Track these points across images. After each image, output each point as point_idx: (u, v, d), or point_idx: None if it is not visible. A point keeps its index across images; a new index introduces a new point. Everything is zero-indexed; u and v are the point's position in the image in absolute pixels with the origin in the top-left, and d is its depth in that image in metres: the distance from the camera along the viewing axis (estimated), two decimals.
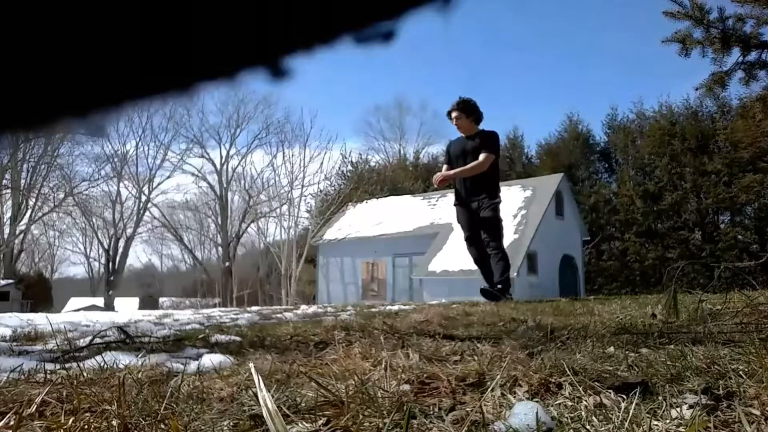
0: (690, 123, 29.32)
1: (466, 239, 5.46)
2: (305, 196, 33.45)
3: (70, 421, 0.80)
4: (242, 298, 33.24)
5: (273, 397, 0.81)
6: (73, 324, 3.37)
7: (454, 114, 5.43)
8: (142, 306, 30.83)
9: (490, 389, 0.94)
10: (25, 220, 32.22)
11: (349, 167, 36.73)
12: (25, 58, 0.24)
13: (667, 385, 0.97)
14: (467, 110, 5.42)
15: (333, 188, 34.06)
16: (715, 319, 2.15)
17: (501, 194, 5.35)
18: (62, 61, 0.24)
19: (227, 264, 35.88)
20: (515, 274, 16.78)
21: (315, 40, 0.26)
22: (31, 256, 41.91)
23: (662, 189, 28.84)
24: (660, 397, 0.90)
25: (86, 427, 0.80)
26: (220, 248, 37.74)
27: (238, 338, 2.11)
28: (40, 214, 33.01)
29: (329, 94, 66.39)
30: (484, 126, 5.52)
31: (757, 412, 0.81)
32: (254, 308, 6.82)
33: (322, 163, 47.03)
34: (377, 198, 27.33)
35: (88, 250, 39.71)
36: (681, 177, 28.57)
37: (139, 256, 65.91)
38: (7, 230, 31.58)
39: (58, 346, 2.06)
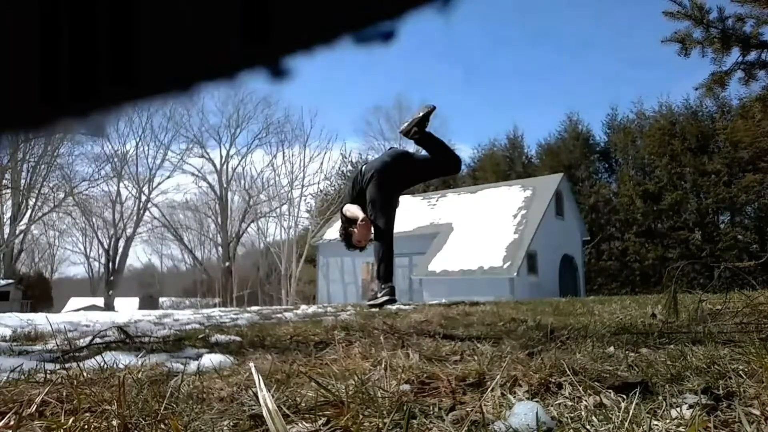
0: (690, 123, 29.33)
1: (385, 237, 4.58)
2: (305, 196, 33.54)
3: (70, 421, 0.80)
4: (242, 298, 33.25)
5: (273, 397, 0.81)
6: (73, 324, 3.37)
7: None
8: (142, 306, 30.82)
9: (490, 389, 0.94)
10: (25, 220, 32.24)
11: (349, 167, 36.74)
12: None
13: (667, 385, 0.97)
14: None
15: (333, 188, 34.11)
16: (715, 319, 2.15)
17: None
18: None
19: (227, 264, 35.89)
20: (515, 274, 16.79)
21: (315, 40, 0.26)
22: (31, 256, 41.94)
23: (662, 189, 28.85)
24: (660, 397, 0.90)
25: (86, 427, 0.80)
26: (220, 248, 37.78)
27: (238, 338, 2.10)
28: (40, 214, 33.03)
29: (329, 94, 66.42)
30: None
31: (757, 412, 0.81)
32: (254, 308, 6.82)
33: (322, 163, 47.14)
34: None
35: (88, 250, 39.77)
36: (681, 177, 28.59)
37: (139, 256, 66.26)
38: (7, 230, 31.57)
39: (58, 346, 2.06)
